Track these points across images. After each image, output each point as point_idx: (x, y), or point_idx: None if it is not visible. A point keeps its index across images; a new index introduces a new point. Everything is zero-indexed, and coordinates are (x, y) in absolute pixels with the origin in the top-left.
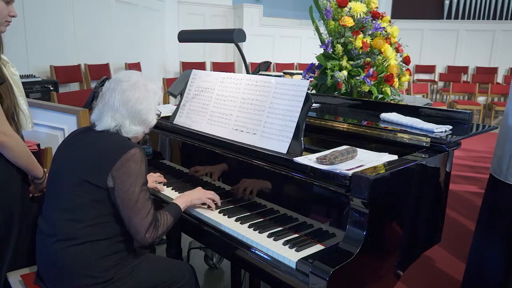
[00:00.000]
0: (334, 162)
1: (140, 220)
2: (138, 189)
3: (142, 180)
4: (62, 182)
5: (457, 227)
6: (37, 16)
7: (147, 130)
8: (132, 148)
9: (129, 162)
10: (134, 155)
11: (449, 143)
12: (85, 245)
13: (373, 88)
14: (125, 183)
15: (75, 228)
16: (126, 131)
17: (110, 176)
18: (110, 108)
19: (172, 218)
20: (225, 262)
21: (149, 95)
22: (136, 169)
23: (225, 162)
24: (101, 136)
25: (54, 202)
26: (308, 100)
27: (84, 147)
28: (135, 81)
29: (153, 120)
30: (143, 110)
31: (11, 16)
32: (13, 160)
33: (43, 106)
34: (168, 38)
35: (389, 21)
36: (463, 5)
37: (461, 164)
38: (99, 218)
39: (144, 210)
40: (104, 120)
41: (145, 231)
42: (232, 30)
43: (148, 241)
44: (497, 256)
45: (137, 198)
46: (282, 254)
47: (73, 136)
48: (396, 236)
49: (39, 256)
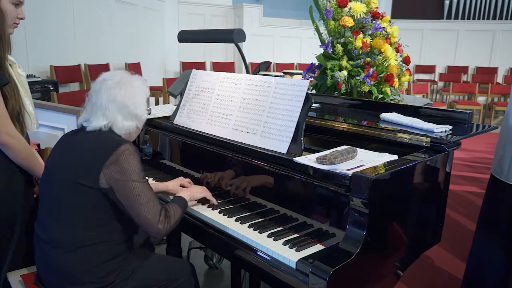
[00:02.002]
0: (334, 162)
1: (149, 214)
2: (138, 184)
3: (140, 173)
4: (53, 188)
5: (457, 227)
6: (37, 16)
7: (140, 125)
8: (121, 145)
9: (121, 158)
10: (124, 150)
11: (449, 143)
12: (82, 251)
13: (373, 88)
14: (123, 180)
15: (69, 233)
16: (118, 128)
17: (102, 176)
18: (99, 108)
19: (180, 209)
20: (225, 262)
21: (134, 90)
22: (130, 164)
23: (225, 162)
24: (91, 137)
25: (47, 208)
26: (308, 100)
27: (74, 149)
28: (119, 78)
29: (143, 114)
30: (132, 105)
31: (20, 18)
32: (17, 161)
33: (43, 106)
34: (168, 38)
35: (389, 21)
36: (463, 5)
37: (461, 164)
38: (93, 222)
39: (151, 202)
40: (95, 120)
41: (157, 222)
42: (232, 30)
43: (163, 233)
44: (498, 256)
45: (139, 192)
46: (282, 254)
47: (63, 139)
48: (396, 236)
49: (37, 260)
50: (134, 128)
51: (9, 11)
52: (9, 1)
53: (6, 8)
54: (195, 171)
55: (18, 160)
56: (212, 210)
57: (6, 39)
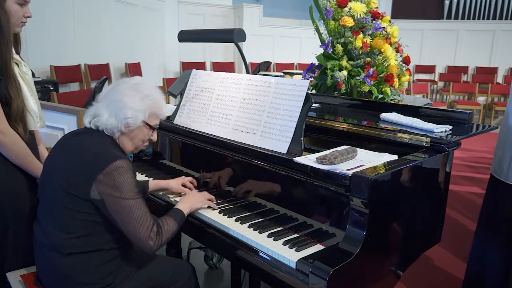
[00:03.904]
0: (334, 162)
1: (141, 230)
2: (131, 201)
3: (134, 189)
4: (50, 191)
5: (457, 227)
6: (37, 16)
7: (122, 128)
8: (117, 159)
9: (115, 173)
10: (119, 167)
11: (449, 143)
12: (78, 256)
13: (373, 88)
14: (115, 196)
15: (65, 239)
16: (102, 123)
17: (94, 188)
18: (100, 100)
19: (176, 225)
20: (225, 262)
21: (135, 94)
22: (123, 180)
23: (225, 162)
24: (88, 143)
25: (45, 210)
26: (308, 100)
27: (69, 154)
28: (134, 79)
29: (128, 118)
30: (121, 102)
31: (27, 17)
32: (10, 158)
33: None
34: (168, 38)
35: (389, 21)
36: (463, 5)
37: (461, 164)
38: (86, 230)
39: (143, 219)
40: (89, 113)
41: (147, 239)
42: (232, 30)
43: (154, 249)
44: (498, 256)
45: (131, 209)
46: (282, 254)
47: (62, 140)
48: (396, 236)
49: (37, 261)
50: (116, 129)
51: (15, 11)
52: (14, 1)
53: (11, 9)
54: (195, 171)
55: (11, 157)
56: (212, 210)
57: (11, 39)
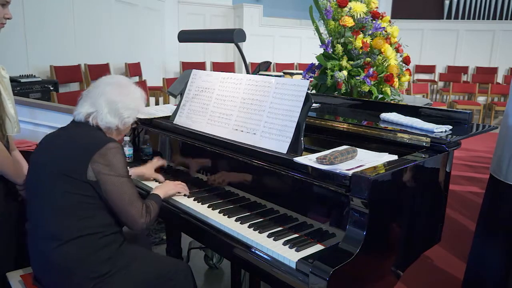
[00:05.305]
0: (334, 162)
1: (134, 210)
2: (123, 179)
3: (125, 169)
4: (44, 182)
5: (457, 227)
6: (37, 16)
7: (121, 127)
8: (109, 142)
9: (109, 153)
10: (113, 148)
11: (449, 143)
12: (75, 242)
13: (373, 88)
14: (109, 175)
15: (62, 225)
16: (101, 118)
17: (91, 169)
18: (91, 98)
19: (157, 205)
20: (225, 262)
21: (129, 93)
22: (117, 159)
23: (225, 162)
24: (80, 132)
25: (38, 204)
26: (308, 100)
27: (62, 143)
28: (119, 80)
29: (128, 117)
30: (119, 103)
31: (7, 18)
32: None
33: (43, 106)
34: (168, 38)
35: (389, 21)
36: (463, 5)
37: (461, 164)
38: (84, 213)
39: (135, 199)
40: (83, 109)
41: (139, 217)
42: (232, 30)
43: (144, 227)
44: (498, 256)
45: (124, 188)
46: (282, 254)
47: (48, 136)
48: (396, 236)
49: (33, 261)
50: (115, 126)
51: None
52: None
53: None
54: (195, 171)
55: None
56: (212, 210)
57: None
